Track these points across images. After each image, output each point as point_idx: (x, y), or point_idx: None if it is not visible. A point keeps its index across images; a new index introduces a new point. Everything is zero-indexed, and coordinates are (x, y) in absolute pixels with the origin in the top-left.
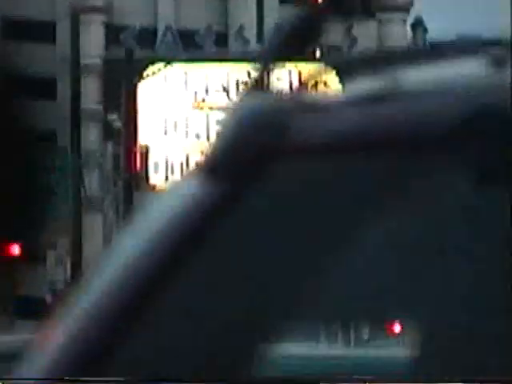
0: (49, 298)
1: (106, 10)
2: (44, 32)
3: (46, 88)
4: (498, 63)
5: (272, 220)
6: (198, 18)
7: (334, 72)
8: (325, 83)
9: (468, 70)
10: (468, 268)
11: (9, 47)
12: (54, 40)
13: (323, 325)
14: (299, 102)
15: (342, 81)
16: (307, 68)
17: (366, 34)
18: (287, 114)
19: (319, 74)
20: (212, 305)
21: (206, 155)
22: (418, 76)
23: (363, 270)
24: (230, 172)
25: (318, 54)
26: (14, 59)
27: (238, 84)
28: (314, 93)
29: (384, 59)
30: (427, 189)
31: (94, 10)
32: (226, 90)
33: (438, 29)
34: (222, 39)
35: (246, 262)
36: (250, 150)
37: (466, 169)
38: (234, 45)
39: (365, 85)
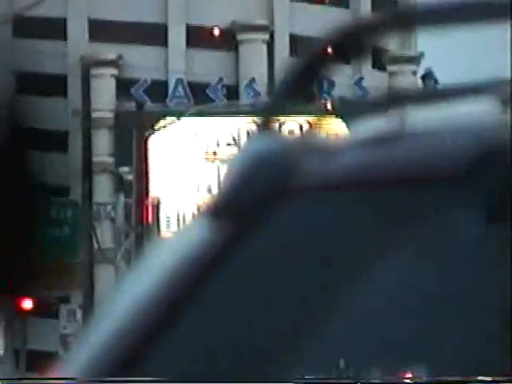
0: (61, 352)
1: (117, 63)
2: (55, 85)
3: (57, 141)
4: (506, 103)
5: (279, 260)
6: (208, 70)
7: (340, 116)
8: (331, 126)
9: (476, 109)
10: (480, 308)
11: (21, 101)
12: (65, 93)
13: (330, 368)
14: (306, 143)
15: (348, 123)
16: (319, 121)
17: (376, 86)
18: (294, 155)
19: (326, 118)
20: (222, 343)
21: (214, 197)
22: (425, 117)
23: (372, 312)
24: (237, 214)
25: (329, 106)
26: (26, 113)
27: (248, 136)
28: (320, 135)
29: (390, 101)
30: (436, 228)
31: (105, 63)
32: (236, 142)
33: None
34: (232, 92)
35: (254, 302)
36: (257, 191)
37: (476, 208)
38: (244, 97)
39: (371, 126)
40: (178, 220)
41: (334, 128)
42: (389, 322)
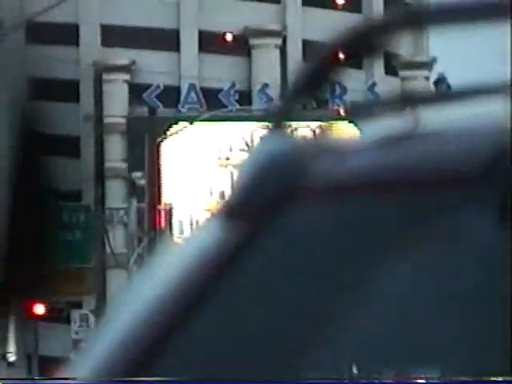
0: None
1: (130, 68)
2: (68, 91)
3: (70, 146)
4: None
5: (292, 261)
6: (221, 76)
7: (353, 120)
8: (343, 131)
9: (490, 110)
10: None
11: (33, 106)
12: (77, 99)
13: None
14: (318, 145)
15: (360, 126)
16: (331, 125)
17: (389, 92)
18: (306, 156)
19: (338, 123)
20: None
21: (227, 198)
22: (438, 118)
23: (383, 315)
24: (250, 215)
25: (341, 111)
26: (39, 118)
27: (261, 138)
28: (332, 137)
29: (402, 103)
30: (450, 230)
31: (118, 68)
32: (249, 147)
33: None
34: (245, 97)
35: (267, 302)
36: (269, 192)
37: (491, 209)
38: (257, 103)
39: (383, 128)
40: (191, 225)
41: (346, 132)
42: (403, 323)
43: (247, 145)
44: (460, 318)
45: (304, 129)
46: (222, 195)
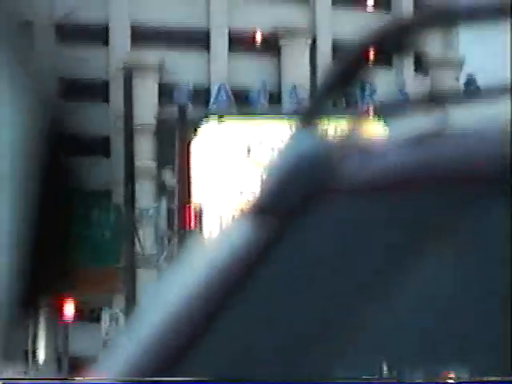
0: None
1: (159, 68)
2: (98, 91)
3: (100, 146)
4: None
5: (322, 260)
6: (251, 76)
7: (382, 119)
8: (373, 130)
9: None
10: None
11: (64, 107)
12: (107, 99)
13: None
14: (347, 143)
15: (389, 124)
16: (361, 124)
17: (418, 91)
18: (336, 154)
19: (368, 122)
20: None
21: (257, 196)
22: (466, 116)
23: (412, 313)
24: (279, 212)
25: (371, 111)
26: (69, 118)
27: (290, 136)
28: (361, 135)
29: (431, 100)
30: (477, 227)
31: (147, 68)
32: (279, 147)
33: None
34: (275, 97)
35: (297, 300)
36: (299, 190)
37: None
38: (287, 103)
39: (412, 126)
40: (221, 224)
41: (375, 131)
42: (432, 321)
43: (277, 144)
44: (490, 315)
45: (333, 128)
46: (252, 194)
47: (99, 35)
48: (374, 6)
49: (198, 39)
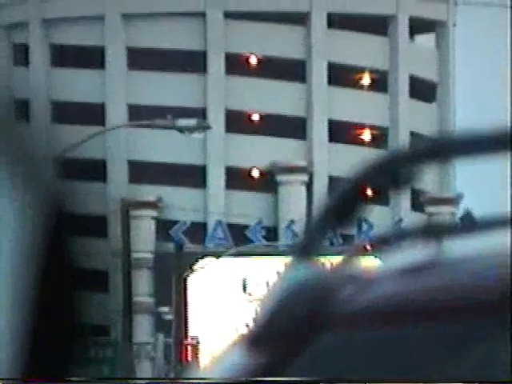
0: None
1: (156, 205)
2: (96, 226)
3: (97, 281)
4: None
5: None
6: (248, 212)
7: (377, 250)
8: (368, 260)
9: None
10: None
11: (65, 241)
12: (105, 234)
13: None
14: (342, 273)
15: (384, 255)
16: (359, 261)
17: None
18: (331, 284)
19: (362, 249)
20: None
21: (251, 325)
22: (460, 246)
23: None
24: (274, 341)
25: (368, 247)
26: (71, 255)
27: (285, 266)
28: (357, 264)
29: (426, 233)
30: (475, 358)
31: (145, 204)
32: (275, 280)
33: (485, 216)
34: (272, 233)
35: None
36: (294, 319)
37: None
38: (284, 238)
39: (407, 256)
40: (216, 357)
41: (372, 263)
42: None
43: (273, 279)
44: None
45: (329, 262)
46: (247, 326)
47: (98, 171)
48: (371, 141)
49: (195, 176)
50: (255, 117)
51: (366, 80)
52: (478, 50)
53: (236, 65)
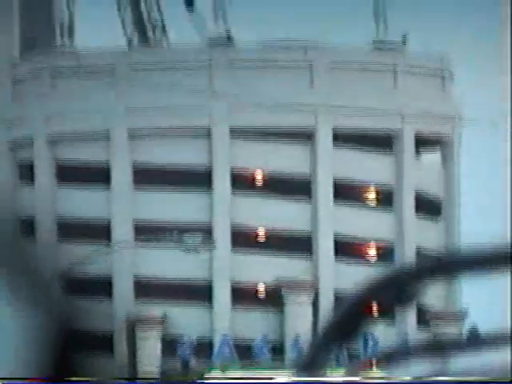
0: None
1: (162, 321)
2: (102, 343)
3: None
4: None
5: None
6: (253, 326)
7: (383, 366)
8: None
9: None
10: None
11: (72, 359)
12: (111, 350)
13: None
14: None
15: (389, 367)
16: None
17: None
18: None
19: (368, 365)
20: None
21: None
22: (467, 361)
23: None
24: None
25: (374, 363)
26: (76, 370)
27: None
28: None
29: (432, 348)
30: None
31: (150, 321)
32: None
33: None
34: (278, 348)
35: None
36: None
37: None
38: (290, 354)
39: (414, 369)
40: None
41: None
42: None
43: None
44: None
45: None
46: None
47: (104, 289)
48: (376, 256)
49: (201, 292)
50: (261, 232)
51: (371, 195)
52: (482, 164)
53: (242, 181)
